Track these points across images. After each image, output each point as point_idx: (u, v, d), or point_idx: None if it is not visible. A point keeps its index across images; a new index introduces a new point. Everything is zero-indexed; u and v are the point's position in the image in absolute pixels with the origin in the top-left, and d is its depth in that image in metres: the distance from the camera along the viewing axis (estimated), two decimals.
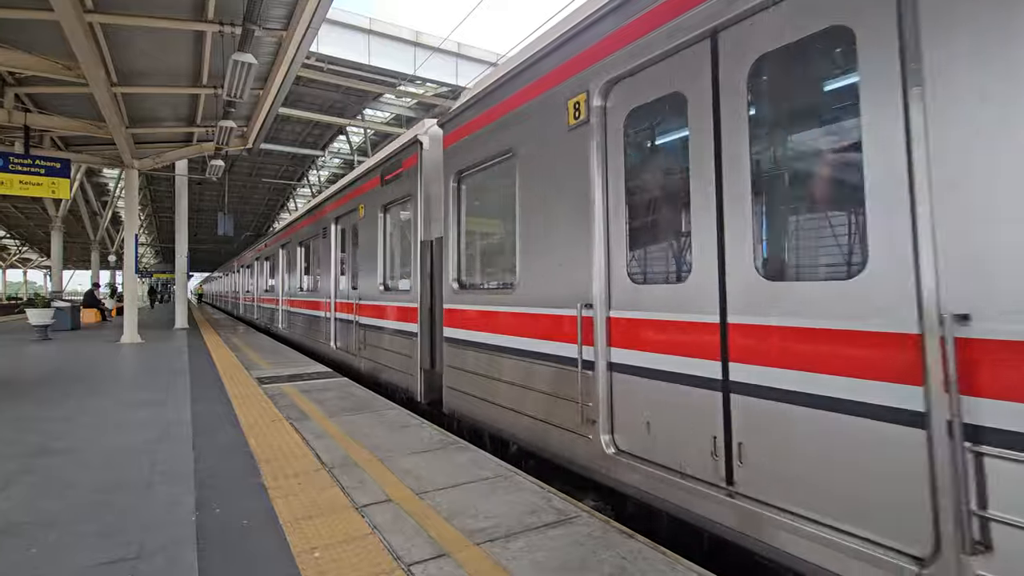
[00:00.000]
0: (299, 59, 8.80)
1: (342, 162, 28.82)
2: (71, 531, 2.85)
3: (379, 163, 7.63)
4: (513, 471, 3.66)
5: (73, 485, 3.52)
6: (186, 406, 5.83)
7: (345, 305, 9.11)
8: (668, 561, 2.43)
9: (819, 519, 2.28)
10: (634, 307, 3.26)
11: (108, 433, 4.78)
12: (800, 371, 2.36)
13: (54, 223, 21.60)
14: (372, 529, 2.80)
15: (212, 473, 3.71)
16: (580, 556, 2.49)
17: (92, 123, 11.20)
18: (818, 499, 2.29)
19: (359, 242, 8.44)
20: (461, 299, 5.19)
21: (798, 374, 2.37)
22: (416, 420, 5.10)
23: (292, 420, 5.12)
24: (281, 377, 7.67)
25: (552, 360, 3.88)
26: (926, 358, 1.93)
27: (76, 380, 7.65)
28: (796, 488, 2.37)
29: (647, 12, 3.14)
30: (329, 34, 16.15)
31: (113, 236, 33.95)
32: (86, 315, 19.30)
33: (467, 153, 5.15)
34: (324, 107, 20.92)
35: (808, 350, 2.34)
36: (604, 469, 3.38)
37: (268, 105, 10.73)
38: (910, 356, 2.00)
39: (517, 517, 2.92)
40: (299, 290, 12.82)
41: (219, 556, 2.56)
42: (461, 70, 18.53)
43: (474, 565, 2.42)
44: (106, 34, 7.97)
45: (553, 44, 3.93)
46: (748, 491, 2.57)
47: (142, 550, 2.62)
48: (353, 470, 3.71)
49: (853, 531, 2.18)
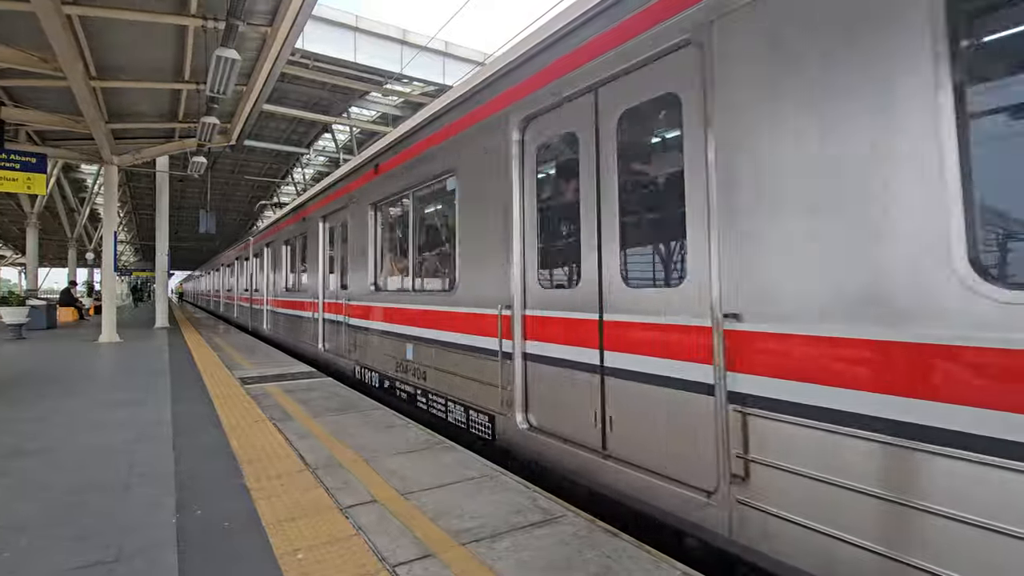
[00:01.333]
0: (284, 56, 8.70)
1: (327, 160, 28.54)
2: (46, 534, 2.78)
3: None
4: (499, 471, 3.66)
5: (48, 487, 3.44)
6: (166, 406, 5.72)
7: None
8: (653, 560, 2.45)
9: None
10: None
11: (85, 434, 4.68)
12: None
13: (29, 219, 21.09)
14: (357, 530, 2.77)
15: (193, 474, 3.65)
16: (566, 555, 2.50)
17: (70, 117, 10.94)
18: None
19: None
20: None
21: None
22: (401, 420, 5.07)
23: (275, 420, 5.06)
24: (264, 377, 7.57)
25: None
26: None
27: (51, 380, 7.47)
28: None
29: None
30: (315, 31, 15.99)
31: (91, 233, 33.26)
32: (63, 314, 18.89)
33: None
34: (309, 104, 20.70)
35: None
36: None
37: (252, 102, 10.59)
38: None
39: (503, 517, 2.92)
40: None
41: (200, 558, 2.52)
42: (448, 69, 18.47)
43: (460, 565, 2.41)
44: (84, 27, 7.78)
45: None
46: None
47: (120, 553, 2.56)
48: (337, 471, 3.68)
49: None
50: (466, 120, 4.87)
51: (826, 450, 2.22)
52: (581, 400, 3.54)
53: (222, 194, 35.96)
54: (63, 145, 12.96)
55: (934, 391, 1.92)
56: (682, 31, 2.88)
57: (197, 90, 9.83)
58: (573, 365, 3.60)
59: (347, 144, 24.60)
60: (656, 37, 3.03)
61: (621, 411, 3.25)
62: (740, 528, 2.54)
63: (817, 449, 2.25)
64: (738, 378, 2.56)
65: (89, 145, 12.55)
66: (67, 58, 7.76)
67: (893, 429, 2.02)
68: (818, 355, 2.25)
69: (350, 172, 8.05)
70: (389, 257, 7.12)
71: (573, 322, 3.62)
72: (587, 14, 3.49)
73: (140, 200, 35.20)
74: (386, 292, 6.77)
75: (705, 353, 2.72)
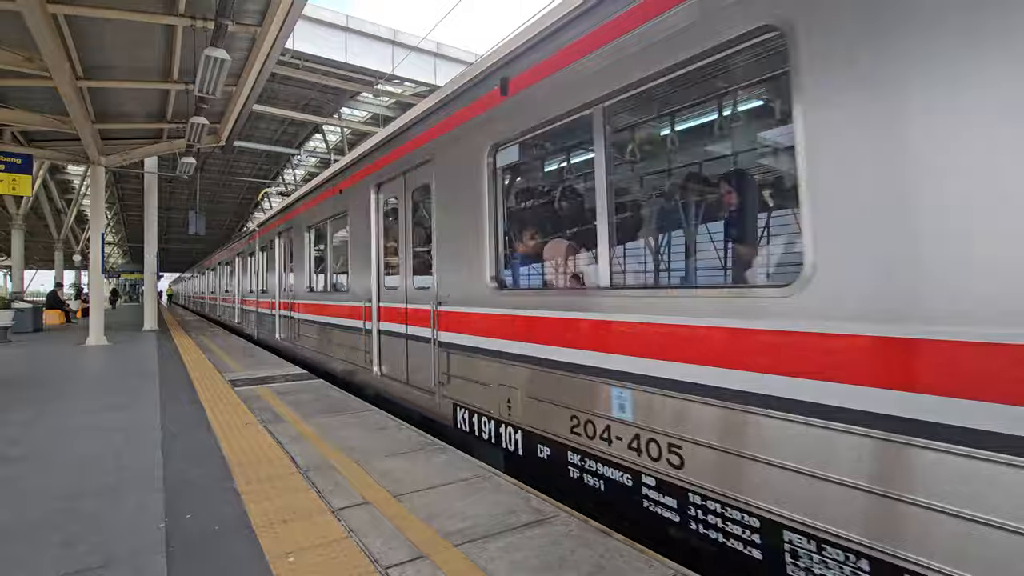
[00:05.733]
0: (274, 56, 8.65)
1: (318, 161, 28.39)
2: (32, 540, 2.74)
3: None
4: (492, 472, 3.65)
5: (34, 493, 3.39)
6: (155, 410, 5.66)
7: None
8: (646, 559, 2.45)
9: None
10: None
11: (71, 438, 4.62)
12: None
13: (15, 221, 20.82)
14: (348, 532, 2.76)
15: (183, 478, 3.61)
16: (559, 555, 2.50)
17: (56, 118, 10.79)
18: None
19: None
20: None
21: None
22: (394, 422, 5.05)
23: (266, 423, 5.02)
24: (255, 379, 7.51)
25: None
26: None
27: (37, 384, 7.37)
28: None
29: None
30: (305, 31, 15.90)
31: (78, 235, 32.86)
32: (49, 316, 18.63)
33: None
34: (299, 105, 20.60)
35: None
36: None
37: (242, 102, 10.52)
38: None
39: (496, 517, 2.91)
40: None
41: (189, 563, 2.49)
42: (440, 69, 18.44)
43: (452, 566, 2.40)
44: (71, 26, 7.69)
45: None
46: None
47: (109, 558, 2.53)
48: (329, 473, 3.66)
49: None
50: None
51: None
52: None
53: (211, 195, 35.66)
54: (49, 146, 12.79)
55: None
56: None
57: (186, 90, 9.73)
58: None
59: (338, 145, 24.50)
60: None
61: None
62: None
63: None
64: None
65: (76, 146, 12.40)
66: (53, 58, 7.66)
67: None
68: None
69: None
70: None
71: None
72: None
73: (128, 201, 34.86)
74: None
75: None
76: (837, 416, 2.11)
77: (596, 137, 3.35)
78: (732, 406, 2.50)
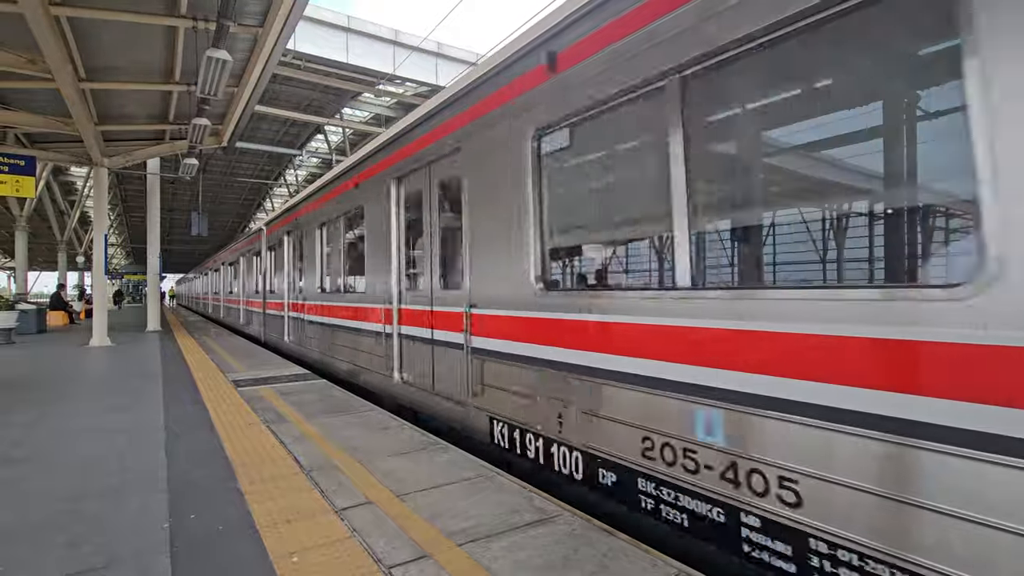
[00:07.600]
0: (275, 56, 8.66)
1: (320, 161, 28.42)
2: (36, 541, 2.75)
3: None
4: (495, 471, 3.65)
5: (38, 494, 3.40)
6: (159, 410, 5.67)
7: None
8: (650, 558, 2.44)
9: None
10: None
11: (75, 439, 4.63)
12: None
13: (18, 223, 20.89)
14: (352, 532, 2.76)
15: (186, 478, 3.62)
16: (562, 555, 2.49)
17: (59, 119, 10.83)
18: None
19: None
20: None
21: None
22: (396, 422, 5.05)
23: (269, 423, 5.03)
24: (258, 380, 7.52)
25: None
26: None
27: (41, 385, 7.39)
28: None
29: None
30: (307, 32, 15.92)
31: (81, 236, 32.93)
32: (53, 318, 18.69)
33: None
34: (301, 105, 20.62)
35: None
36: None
37: (243, 103, 10.53)
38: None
39: (499, 517, 2.91)
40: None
41: (193, 563, 2.49)
42: (441, 70, 18.44)
43: (456, 566, 2.40)
44: (73, 27, 7.71)
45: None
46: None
47: (112, 559, 2.54)
48: (332, 473, 3.66)
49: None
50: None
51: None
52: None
53: (214, 196, 35.73)
54: (52, 147, 12.83)
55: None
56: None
57: (188, 91, 9.75)
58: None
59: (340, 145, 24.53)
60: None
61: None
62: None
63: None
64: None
65: (78, 147, 12.44)
66: (55, 59, 7.68)
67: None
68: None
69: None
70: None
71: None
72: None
73: (131, 203, 34.94)
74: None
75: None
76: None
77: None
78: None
